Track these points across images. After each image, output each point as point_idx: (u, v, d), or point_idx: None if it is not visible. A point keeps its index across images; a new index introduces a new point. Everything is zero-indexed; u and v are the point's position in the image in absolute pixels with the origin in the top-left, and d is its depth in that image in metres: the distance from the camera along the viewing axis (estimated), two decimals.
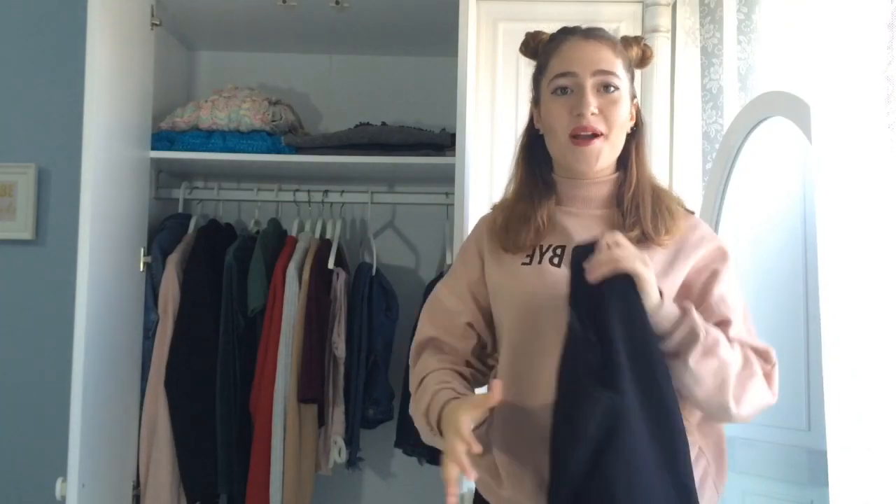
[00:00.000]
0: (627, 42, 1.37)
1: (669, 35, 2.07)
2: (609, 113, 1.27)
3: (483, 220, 1.43)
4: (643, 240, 1.27)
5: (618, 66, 1.29)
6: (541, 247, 1.31)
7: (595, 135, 1.27)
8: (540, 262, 1.29)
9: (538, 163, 1.38)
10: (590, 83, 1.27)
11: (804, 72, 1.51)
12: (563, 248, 1.29)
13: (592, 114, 1.26)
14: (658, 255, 1.27)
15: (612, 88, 1.28)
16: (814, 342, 1.60)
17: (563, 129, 1.28)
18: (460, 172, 1.94)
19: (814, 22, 1.42)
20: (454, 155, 1.98)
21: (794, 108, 1.54)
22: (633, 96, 1.34)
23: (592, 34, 1.32)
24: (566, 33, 1.34)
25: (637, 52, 1.37)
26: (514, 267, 1.31)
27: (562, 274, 1.24)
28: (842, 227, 1.24)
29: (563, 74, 1.29)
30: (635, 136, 1.34)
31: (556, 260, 1.28)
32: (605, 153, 1.29)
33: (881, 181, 1.17)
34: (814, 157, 1.33)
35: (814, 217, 1.51)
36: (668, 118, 2.05)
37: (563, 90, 1.29)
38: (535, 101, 1.38)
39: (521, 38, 1.47)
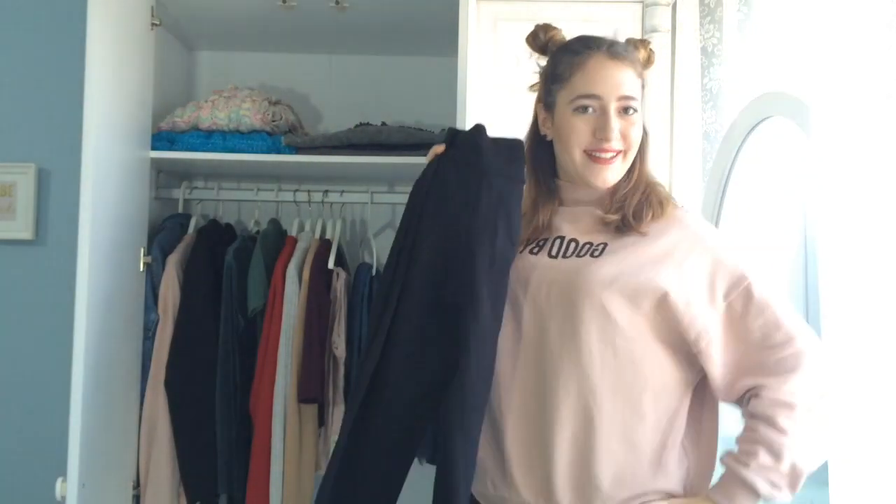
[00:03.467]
0: (634, 45, 1.37)
1: (669, 35, 2.07)
2: (628, 134, 1.30)
3: None
4: (622, 227, 1.29)
5: (638, 88, 1.32)
6: (528, 240, 1.37)
7: (614, 154, 1.30)
8: (521, 251, 1.35)
9: (542, 167, 1.39)
10: (614, 107, 1.29)
11: (804, 72, 1.51)
12: (545, 239, 1.35)
13: (616, 138, 1.29)
14: (632, 245, 1.28)
15: (632, 111, 1.30)
16: None
17: (581, 145, 1.31)
18: None
19: (814, 22, 1.42)
20: None
21: (794, 108, 1.54)
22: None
23: (617, 54, 1.31)
24: (590, 48, 1.32)
25: (644, 54, 1.38)
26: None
27: (535, 259, 1.32)
28: (842, 227, 1.24)
29: (588, 96, 1.30)
30: (643, 143, 1.36)
31: (535, 249, 1.34)
32: (620, 170, 1.32)
33: (881, 181, 1.17)
34: (814, 157, 1.34)
35: (814, 217, 1.51)
36: (668, 118, 2.05)
37: (585, 109, 1.30)
38: (547, 107, 1.38)
39: (521, 38, 1.47)
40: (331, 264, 2.23)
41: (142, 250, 2.16)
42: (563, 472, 1.23)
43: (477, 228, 1.30)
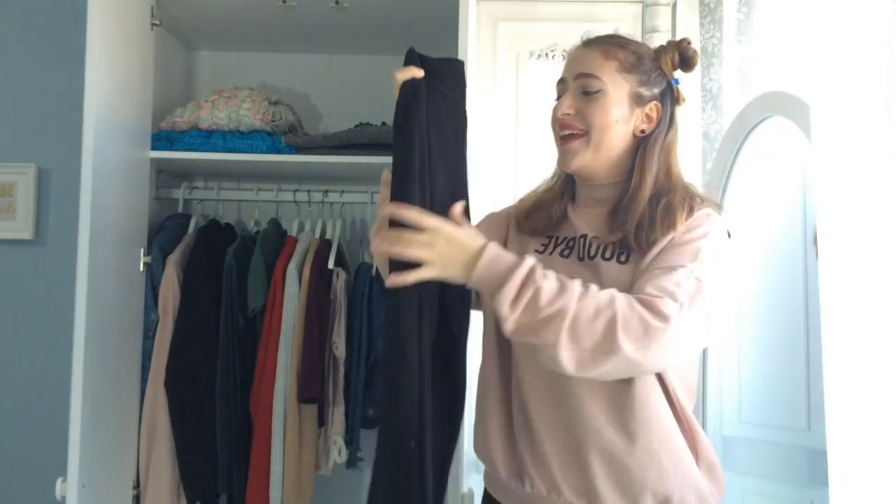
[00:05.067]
0: (663, 49, 1.35)
1: (669, 35, 2.08)
2: (586, 114, 1.30)
3: (515, 204, 1.50)
4: (625, 246, 1.27)
5: (604, 68, 1.30)
6: (556, 238, 1.37)
7: (574, 135, 1.31)
8: (551, 253, 1.35)
9: None
10: (572, 87, 1.32)
11: (804, 72, 1.51)
12: (573, 239, 1.35)
13: (566, 114, 1.31)
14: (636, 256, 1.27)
15: (592, 91, 1.29)
16: (814, 342, 1.60)
17: (555, 130, 1.36)
18: None
19: (814, 22, 1.42)
20: None
21: (794, 108, 1.54)
22: (651, 100, 1.31)
23: (592, 41, 1.35)
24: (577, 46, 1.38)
25: (672, 57, 1.34)
26: (528, 251, 1.37)
27: (565, 263, 1.31)
28: (842, 227, 1.24)
29: (559, 82, 1.36)
30: (644, 142, 1.32)
31: (566, 252, 1.34)
32: (584, 153, 1.31)
33: (881, 181, 1.17)
34: (814, 157, 1.34)
35: (814, 217, 1.51)
36: None
37: (558, 97, 1.35)
38: None
39: (521, 38, 1.49)
40: (331, 264, 2.23)
41: (142, 250, 2.16)
42: (603, 474, 1.24)
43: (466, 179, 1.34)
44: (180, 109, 2.28)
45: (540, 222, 1.39)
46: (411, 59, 1.26)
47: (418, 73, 1.24)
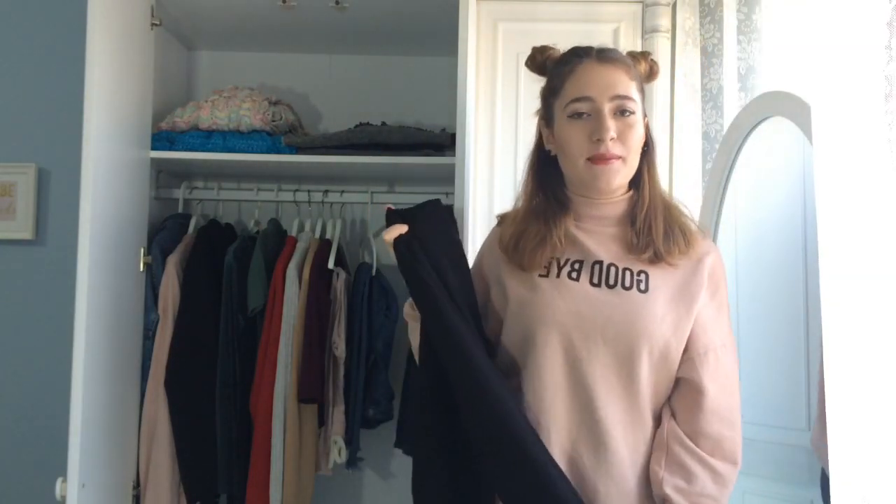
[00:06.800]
0: (635, 57, 1.37)
1: (669, 35, 2.07)
2: (626, 137, 1.29)
3: (492, 237, 1.45)
4: (655, 260, 1.30)
5: (633, 89, 1.31)
6: (558, 260, 1.33)
7: (614, 158, 1.29)
8: (558, 275, 1.32)
9: (550, 182, 1.39)
10: (607, 108, 1.28)
11: (804, 72, 1.51)
12: (581, 262, 1.32)
13: (611, 139, 1.27)
14: (670, 278, 1.31)
15: (628, 112, 1.29)
16: (814, 342, 1.60)
17: (581, 152, 1.30)
18: (460, 172, 1.94)
19: (813, 22, 1.42)
20: (454, 155, 1.98)
21: (794, 108, 1.54)
22: (644, 115, 1.35)
23: (607, 57, 1.32)
24: (580, 55, 1.34)
25: (645, 67, 1.38)
26: (532, 280, 1.33)
27: (579, 287, 1.30)
28: (842, 227, 1.25)
29: (580, 99, 1.30)
30: (647, 154, 1.35)
31: (574, 274, 1.31)
32: (623, 174, 1.31)
33: (881, 180, 1.17)
34: (814, 156, 1.34)
35: (814, 217, 1.51)
36: (668, 118, 2.05)
37: (580, 115, 1.30)
38: (547, 122, 1.38)
39: (521, 38, 1.49)
40: (331, 264, 2.23)
41: (142, 250, 2.16)
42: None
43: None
44: (180, 109, 2.29)
45: (543, 256, 1.33)
46: (392, 218, 1.38)
47: (402, 228, 1.35)
